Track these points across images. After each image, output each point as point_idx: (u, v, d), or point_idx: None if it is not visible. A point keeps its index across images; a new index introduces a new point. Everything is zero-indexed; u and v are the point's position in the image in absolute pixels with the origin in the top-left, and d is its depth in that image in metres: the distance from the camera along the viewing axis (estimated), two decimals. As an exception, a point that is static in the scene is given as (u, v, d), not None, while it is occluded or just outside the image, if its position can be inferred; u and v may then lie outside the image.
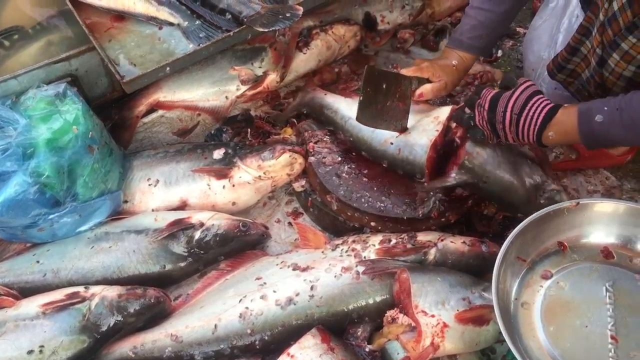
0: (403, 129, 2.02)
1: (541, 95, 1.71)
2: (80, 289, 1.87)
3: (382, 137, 2.04)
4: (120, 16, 2.20)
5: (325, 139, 2.19)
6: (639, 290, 1.56)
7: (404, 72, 2.04)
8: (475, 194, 2.00)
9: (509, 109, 1.70)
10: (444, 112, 2.02)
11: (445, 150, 1.97)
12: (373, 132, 2.07)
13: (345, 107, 2.18)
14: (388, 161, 2.04)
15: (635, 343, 1.47)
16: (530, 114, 1.67)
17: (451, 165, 1.91)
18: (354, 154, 2.14)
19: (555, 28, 2.17)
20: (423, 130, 2.00)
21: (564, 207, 1.64)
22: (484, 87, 1.84)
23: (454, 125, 1.97)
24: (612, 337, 1.48)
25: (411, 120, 2.04)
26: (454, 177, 1.87)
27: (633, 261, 1.62)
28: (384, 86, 1.96)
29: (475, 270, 1.88)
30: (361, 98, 1.96)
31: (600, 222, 1.65)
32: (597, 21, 1.72)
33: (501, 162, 1.86)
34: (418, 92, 2.02)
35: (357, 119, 2.00)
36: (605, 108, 1.59)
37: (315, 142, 2.17)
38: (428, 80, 2.04)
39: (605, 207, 1.64)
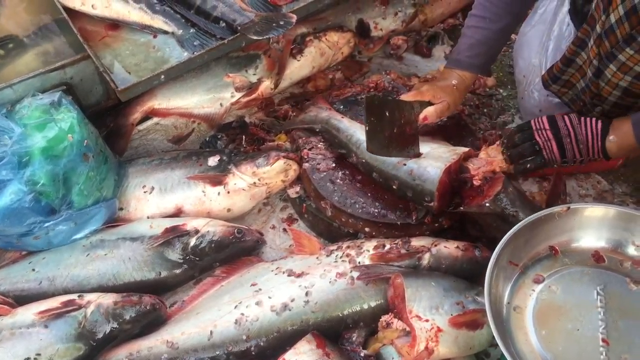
0: (416, 155, 1.99)
1: (584, 119, 1.80)
2: (76, 296, 1.87)
3: (395, 159, 2.01)
4: (115, 24, 2.21)
5: (319, 145, 2.20)
6: (630, 294, 1.58)
7: (405, 97, 2.02)
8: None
9: (567, 122, 1.76)
10: (462, 149, 2.01)
11: (457, 184, 1.96)
12: None
13: (360, 132, 2.11)
14: (399, 182, 1.98)
15: (626, 346, 1.48)
16: (588, 123, 1.76)
17: (484, 196, 1.88)
18: (345, 159, 2.15)
19: (545, 35, 2.19)
20: (438, 157, 1.97)
21: (555, 211, 1.65)
22: (523, 126, 1.88)
23: (472, 167, 1.94)
24: (603, 340, 1.49)
25: (427, 148, 2.03)
26: (489, 205, 1.84)
27: (623, 265, 1.64)
28: (387, 113, 1.93)
29: (469, 275, 1.90)
30: (367, 128, 1.93)
31: (591, 226, 1.67)
32: (593, 33, 1.74)
33: (526, 201, 1.88)
34: (422, 115, 1.98)
35: (368, 149, 1.96)
36: None
37: (310, 149, 2.18)
38: (430, 103, 2.01)
39: (595, 211, 1.66)
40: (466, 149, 2.01)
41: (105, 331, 1.80)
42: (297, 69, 2.43)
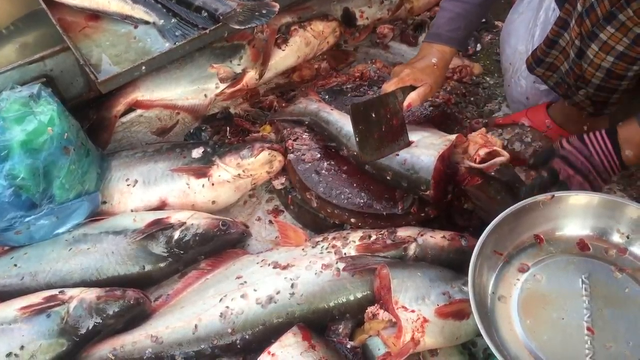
0: (407, 144, 1.95)
1: (585, 134, 1.76)
2: (58, 291, 1.85)
3: None
4: (95, 15, 2.18)
5: (304, 135, 2.18)
6: (615, 282, 1.57)
7: (386, 86, 1.98)
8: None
9: (582, 160, 1.74)
10: (452, 136, 1.98)
11: (450, 172, 1.94)
12: None
13: (350, 125, 2.13)
14: (393, 173, 1.96)
15: (610, 334, 1.48)
16: (598, 147, 1.72)
17: (467, 177, 1.89)
18: (333, 150, 2.13)
19: (532, 21, 2.17)
20: (430, 144, 1.96)
21: (539, 200, 1.64)
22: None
23: (472, 146, 1.94)
24: (588, 329, 1.49)
25: (417, 136, 2.01)
26: (494, 174, 1.84)
27: (608, 253, 1.63)
28: (373, 115, 1.89)
29: (455, 265, 1.88)
30: (357, 138, 1.88)
31: (576, 214, 1.66)
32: (574, 12, 1.73)
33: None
34: (406, 103, 1.94)
35: (362, 158, 1.94)
36: None
37: (294, 140, 2.16)
38: (412, 87, 1.98)
39: (579, 199, 1.64)
40: (456, 135, 1.98)
41: (88, 326, 1.78)
42: (282, 59, 2.41)
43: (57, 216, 1.96)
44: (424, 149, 1.94)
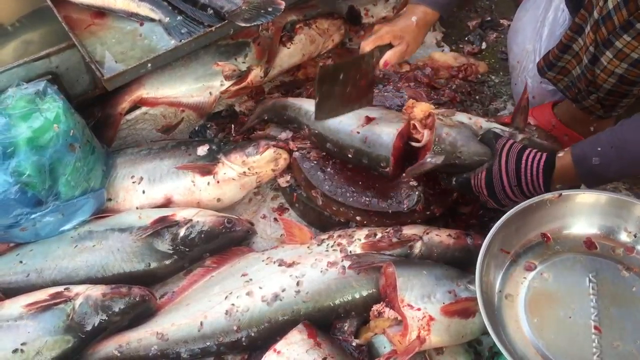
0: (369, 102, 2.01)
1: (527, 153, 1.72)
2: (64, 288, 1.85)
3: (348, 128, 2.02)
4: (101, 12, 2.17)
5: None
6: (622, 281, 1.56)
7: (364, 44, 2.01)
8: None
9: (506, 185, 1.73)
10: (413, 110, 2.01)
11: (409, 148, 1.97)
12: (339, 123, 2.04)
13: (308, 104, 2.15)
14: (354, 150, 2.00)
15: (618, 333, 1.47)
16: (529, 179, 1.69)
17: (424, 152, 1.90)
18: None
19: (539, 21, 2.17)
20: (390, 122, 2.00)
21: (546, 198, 1.64)
22: (462, 179, 1.85)
23: (416, 125, 1.96)
24: (595, 328, 1.48)
25: (378, 114, 2.04)
26: (430, 161, 1.85)
27: (616, 251, 1.62)
28: (341, 76, 1.91)
29: (461, 263, 1.88)
30: (317, 99, 1.91)
31: (583, 213, 1.65)
32: (590, 19, 1.72)
33: (469, 136, 1.87)
34: (382, 61, 2.00)
35: (316, 117, 1.98)
36: (599, 148, 1.59)
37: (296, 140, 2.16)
38: (390, 46, 2.02)
39: (587, 198, 1.64)
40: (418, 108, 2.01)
41: (94, 323, 1.78)
42: (287, 56, 2.41)
43: (62, 213, 1.96)
44: (384, 127, 1.98)
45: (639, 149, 1.55)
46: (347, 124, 2.04)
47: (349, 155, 2.03)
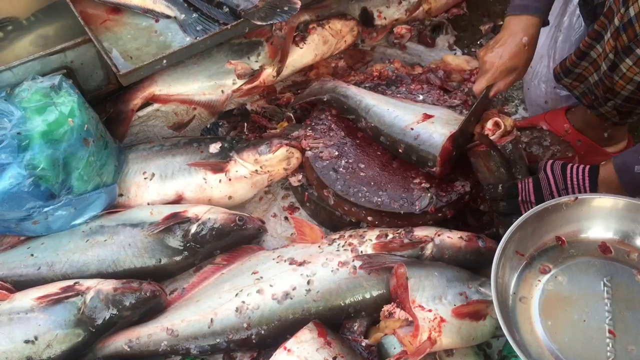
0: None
1: (570, 165, 1.75)
2: (75, 282, 1.85)
3: (403, 123, 2.04)
4: (117, 8, 2.18)
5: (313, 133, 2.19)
6: (636, 285, 1.56)
7: (478, 83, 1.94)
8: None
9: (554, 190, 1.73)
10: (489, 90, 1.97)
11: (461, 151, 1.96)
12: (395, 117, 2.07)
13: (369, 97, 2.17)
14: (405, 146, 2.01)
15: (632, 337, 1.47)
16: (576, 184, 1.71)
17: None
18: (349, 147, 2.15)
19: (554, 26, 2.16)
20: (446, 123, 1.99)
21: (562, 202, 1.64)
22: (510, 184, 1.84)
23: (490, 127, 1.91)
24: (609, 332, 1.48)
25: (437, 112, 2.05)
26: (500, 147, 1.85)
27: (630, 256, 1.62)
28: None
29: (472, 266, 1.89)
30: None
31: (599, 217, 1.65)
32: (611, 26, 1.72)
33: (527, 168, 1.91)
34: (492, 92, 1.94)
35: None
36: None
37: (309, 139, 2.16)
38: None
39: (603, 202, 1.64)
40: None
41: (104, 317, 1.79)
42: (300, 56, 2.40)
43: (75, 207, 1.96)
44: (439, 127, 1.98)
45: None
46: (402, 120, 2.05)
47: (400, 151, 2.03)
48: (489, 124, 1.90)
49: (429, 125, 2.00)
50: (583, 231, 1.67)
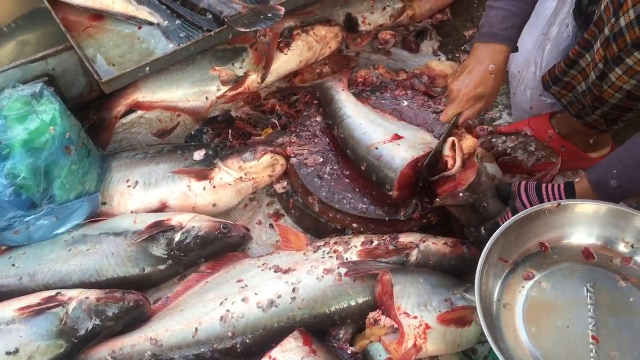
0: None
1: (545, 186, 1.75)
2: (57, 292, 1.83)
3: (369, 141, 2.03)
4: (99, 15, 2.17)
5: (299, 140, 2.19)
6: (619, 291, 1.57)
7: (446, 113, 1.91)
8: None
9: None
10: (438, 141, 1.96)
11: (424, 174, 1.94)
12: (364, 133, 2.06)
13: (351, 107, 2.17)
14: (367, 164, 2.01)
15: (615, 343, 1.47)
16: (554, 198, 1.71)
17: (455, 185, 1.86)
18: (333, 153, 2.15)
19: (543, 33, 2.17)
20: (412, 146, 1.98)
21: (545, 208, 1.64)
22: (491, 225, 1.84)
23: (448, 154, 1.89)
24: (593, 338, 1.48)
25: (408, 134, 2.03)
26: (462, 196, 1.83)
27: (613, 262, 1.63)
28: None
29: (457, 271, 1.89)
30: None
31: (581, 223, 1.66)
32: (601, 35, 1.73)
33: (494, 191, 1.89)
34: (461, 120, 1.91)
35: None
36: (614, 171, 1.61)
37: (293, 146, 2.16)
38: None
39: (586, 208, 1.64)
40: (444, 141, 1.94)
41: (87, 328, 1.77)
42: (284, 62, 2.40)
43: (56, 216, 1.94)
44: (402, 150, 1.97)
45: None
46: (370, 137, 2.04)
47: (362, 168, 2.03)
48: (446, 149, 1.88)
49: (394, 147, 1.99)
50: (566, 237, 1.67)
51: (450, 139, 1.88)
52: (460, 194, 1.84)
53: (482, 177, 1.86)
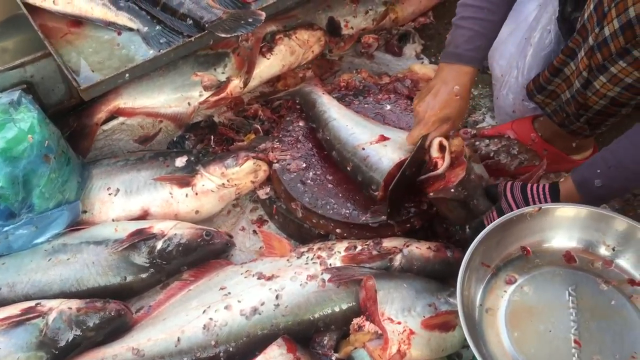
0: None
1: (530, 186, 1.74)
2: (37, 303, 1.80)
3: (356, 142, 2.02)
4: (78, 21, 2.15)
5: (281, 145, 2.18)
6: (601, 294, 1.57)
7: (412, 135, 1.90)
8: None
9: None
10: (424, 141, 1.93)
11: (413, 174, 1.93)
12: (350, 135, 2.05)
13: (335, 110, 2.17)
14: (353, 165, 2.00)
15: (597, 347, 1.47)
16: (539, 200, 1.71)
17: (445, 182, 1.84)
18: (316, 159, 2.14)
19: (525, 38, 2.17)
20: (399, 148, 1.97)
21: (526, 212, 1.64)
22: (477, 224, 1.85)
23: (435, 154, 1.87)
24: (575, 342, 1.48)
25: (394, 135, 2.02)
26: (453, 191, 1.82)
27: (595, 265, 1.63)
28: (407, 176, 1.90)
29: (441, 276, 1.89)
30: (388, 207, 1.91)
31: (562, 226, 1.66)
32: (585, 44, 1.73)
33: (483, 192, 1.88)
34: (427, 142, 1.89)
35: (389, 218, 1.94)
36: (598, 171, 1.62)
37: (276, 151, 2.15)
38: None
39: (567, 211, 1.65)
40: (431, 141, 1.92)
41: (67, 339, 1.74)
42: (267, 67, 2.39)
43: (36, 226, 1.92)
44: (390, 151, 1.96)
45: (637, 164, 1.57)
46: (357, 138, 2.03)
47: (348, 169, 2.02)
48: (434, 149, 1.87)
49: (381, 148, 1.98)
50: (547, 241, 1.67)
51: (437, 139, 1.87)
52: (452, 190, 1.83)
53: (472, 174, 1.85)
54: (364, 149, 1.99)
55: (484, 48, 1.90)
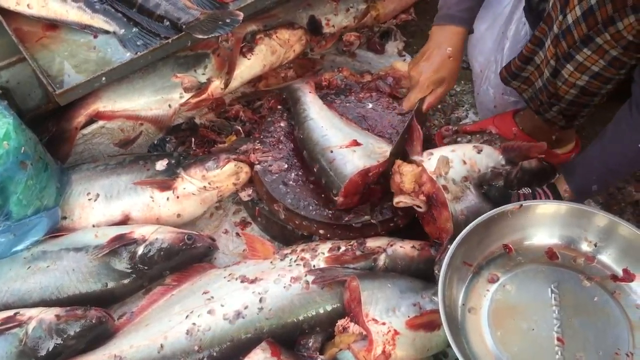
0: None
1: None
2: (16, 312, 1.78)
3: (327, 144, 2.01)
4: (53, 25, 2.12)
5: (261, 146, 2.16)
6: (583, 291, 1.57)
7: (408, 99, 1.99)
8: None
9: None
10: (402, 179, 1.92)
11: (374, 185, 1.94)
12: (323, 136, 2.04)
13: (315, 110, 2.15)
14: (319, 167, 1.99)
15: (580, 344, 1.48)
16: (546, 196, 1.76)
17: (440, 236, 1.86)
18: (298, 159, 2.12)
19: (502, 32, 2.17)
20: (368, 155, 1.96)
21: (507, 210, 1.64)
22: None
23: (408, 201, 1.88)
24: (558, 339, 1.48)
25: (366, 141, 2.01)
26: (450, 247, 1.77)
27: (577, 261, 1.63)
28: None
29: (426, 275, 1.87)
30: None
31: (544, 223, 1.66)
32: (550, 33, 1.73)
33: (479, 204, 1.84)
34: (425, 106, 1.97)
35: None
36: (594, 177, 1.69)
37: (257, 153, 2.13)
38: None
39: (547, 208, 1.65)
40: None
41: (48, 348, 1.72)
42: (248, 67, 2.36)
43: (14, 233, 1.89)
44: (357, 158, 1.95)
45: (621, 161, 1.63)
46: (329, 140, 2.02)
47: (314, 169, 2.01)
48: (402, 198, 1.88)
49: (349, 154, 1.96)
50: (529, 238, 1.67)
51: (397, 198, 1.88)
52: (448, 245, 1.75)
53: (458, 215, 1.79)
54: (332, 151, 1.98)
55: (473, 9, 1.97)
